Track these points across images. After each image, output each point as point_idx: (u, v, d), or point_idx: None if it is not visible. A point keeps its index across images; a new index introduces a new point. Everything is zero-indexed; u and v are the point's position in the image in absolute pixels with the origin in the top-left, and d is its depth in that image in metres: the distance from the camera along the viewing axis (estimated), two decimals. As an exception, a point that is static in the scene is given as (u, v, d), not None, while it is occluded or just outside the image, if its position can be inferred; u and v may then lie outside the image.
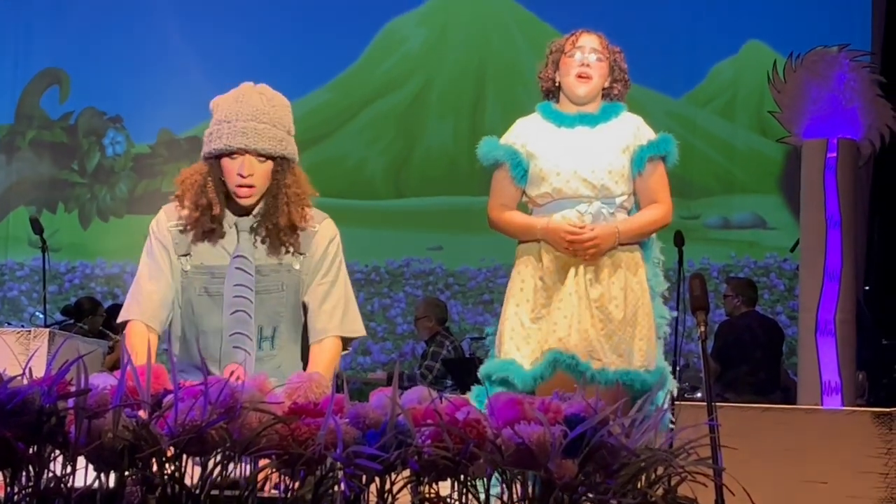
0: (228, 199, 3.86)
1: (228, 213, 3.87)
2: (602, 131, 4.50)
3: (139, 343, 3.71)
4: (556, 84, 4.58)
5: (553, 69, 4.59)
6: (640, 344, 4.42)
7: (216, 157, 3.82)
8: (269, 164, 3.81)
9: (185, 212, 3.87)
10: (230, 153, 3.79)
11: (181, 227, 3.88)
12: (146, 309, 3.86)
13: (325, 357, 3.88)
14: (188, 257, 3.88)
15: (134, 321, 3.86)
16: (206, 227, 3.84)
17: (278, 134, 3.81)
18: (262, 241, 3.85)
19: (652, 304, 4.52)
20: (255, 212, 3.86)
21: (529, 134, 4.54)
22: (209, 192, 3.81)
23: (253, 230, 3.85)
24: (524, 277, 4.50)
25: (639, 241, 4.52)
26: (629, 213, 4.52)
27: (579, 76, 4.51)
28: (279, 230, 3.83)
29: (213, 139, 3.82)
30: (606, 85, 4.55)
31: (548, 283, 4.45)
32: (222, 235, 3.86)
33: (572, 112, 4.53)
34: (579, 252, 4.36)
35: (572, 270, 4.41)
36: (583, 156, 4.44)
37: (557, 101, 4.60)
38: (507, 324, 4.49)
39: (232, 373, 3.57)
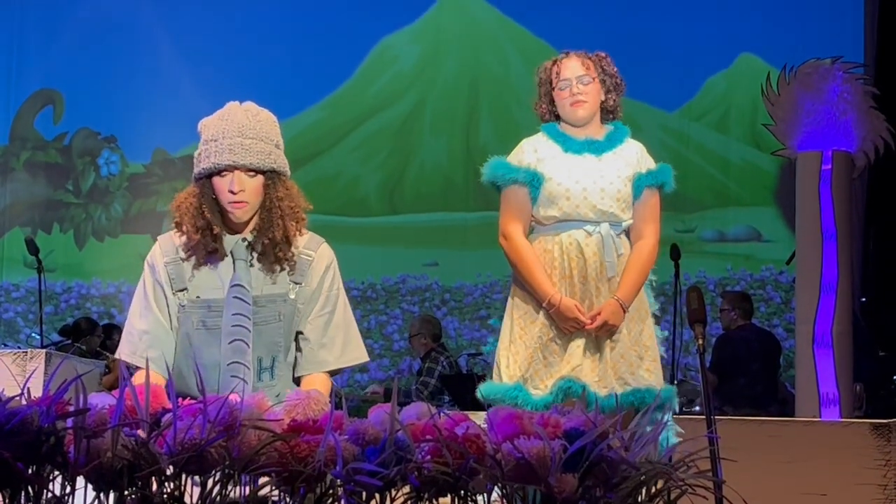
0: (225, 219, 3.85)
1: (226, 235, 3.86)
2: (608, 159, 4.50)
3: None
4: (554, 114, 4.59)
5: (547, 101, 4.59)
6: (648, 364, 4.42)
7: (207, 177, 3.82)
8: (260, 178, 3.81)
9: (185, 237, 3.87)
10: (219, 171, 3.79)
11: (180, 258, 3.88)
12: (136, 349, 3.87)
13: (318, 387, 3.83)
14: (185, 292, 3.87)
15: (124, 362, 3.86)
16: (209, 248, 3.83)
17: (266, 148, 3.81)
18: (258, 260, 3.84)
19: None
20: (250, 227, 3.85)
21: (539, 155, 4.52)
22: (206, 213, 3.80)
23: (249, 246, 3.84)
24: (528, 301, 4.48)
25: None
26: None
27: (573, 104, 4.51)
28: (275, 244, 3.82)
29: (201, 159, 3.83)
30: (602, 98, 4.56)
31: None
32: (222, 258, 3.85)
33: (580, 136, 4.53)
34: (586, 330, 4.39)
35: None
36: (592, 182, 4.44)
37: (559, 123, 4.61)
38: (512, 346, 4.47)
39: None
